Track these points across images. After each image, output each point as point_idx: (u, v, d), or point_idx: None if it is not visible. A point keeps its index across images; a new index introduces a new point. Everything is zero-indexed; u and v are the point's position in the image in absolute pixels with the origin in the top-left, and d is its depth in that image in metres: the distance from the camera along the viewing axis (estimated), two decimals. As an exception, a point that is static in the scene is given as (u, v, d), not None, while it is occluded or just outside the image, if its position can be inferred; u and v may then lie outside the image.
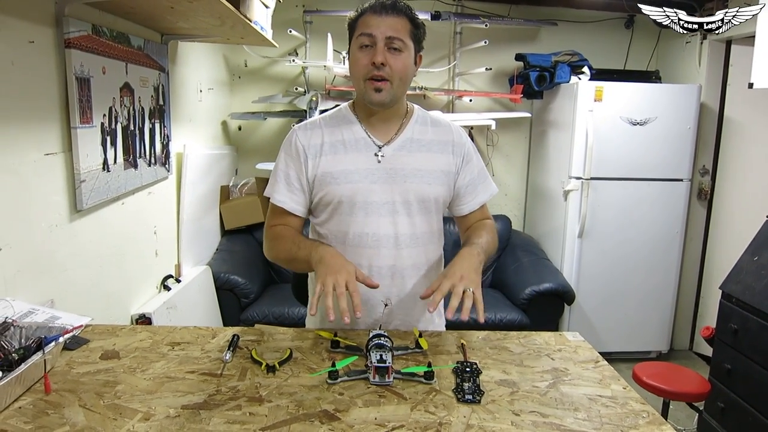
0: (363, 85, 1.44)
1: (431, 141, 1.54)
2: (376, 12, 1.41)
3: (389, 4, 1.41)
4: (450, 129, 1.59)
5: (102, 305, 2.13)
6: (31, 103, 1.64)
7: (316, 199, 1.52)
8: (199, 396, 1.12)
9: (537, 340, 1.49)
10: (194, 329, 1.45)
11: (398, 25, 1.41)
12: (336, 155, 1.49)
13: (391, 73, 1.41)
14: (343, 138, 1.51)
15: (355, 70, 1.45)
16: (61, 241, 1.80)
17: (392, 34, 1.39)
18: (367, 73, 1.41)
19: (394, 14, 1.41)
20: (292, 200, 1.52)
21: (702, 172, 3.90)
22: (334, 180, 1.48)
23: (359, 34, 1.42)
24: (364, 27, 1.41)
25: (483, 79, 4.17)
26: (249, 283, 3.34)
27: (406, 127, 1.54)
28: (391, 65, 1.40)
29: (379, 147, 1.50)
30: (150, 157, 2.44)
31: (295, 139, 1.53)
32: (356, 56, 1.43)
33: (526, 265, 3.74)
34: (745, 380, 2.52)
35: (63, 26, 1.73)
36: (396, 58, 1.41)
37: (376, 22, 1.40)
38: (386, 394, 1.15)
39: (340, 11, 3.75)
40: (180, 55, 2.92)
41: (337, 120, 1.55)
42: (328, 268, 1.29)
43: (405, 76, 1.45)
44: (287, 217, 1.54)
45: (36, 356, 1.09)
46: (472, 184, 1.60)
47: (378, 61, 1.39)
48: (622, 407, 1.15)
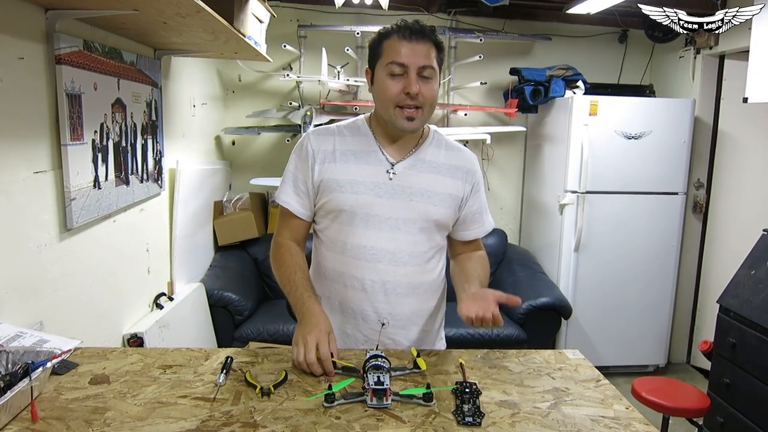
0: (393, 112, 1.44)
1: (443, 164, 1.54)
2: (405, 38, 1.40)
3: (417, 30, 1.41)
4: (464, 156, 1.59)
5: (93, 325, 2.08)
6: (20, 120, 1.61)
7: (318, 205, 1.53)
8: (191, 422, 1.08)
9: (537, 358, 1.46)
10: (186, 351, 1.42)
11: (427, 51, 1.41)
12: (346, 164, 1.50)
13: (423, 101, 1.42)
14: (355, 149, 1.52)
15: (384, 96, 1.44)
16: (50, 260, 1.76)
17: (424, 63, 1.40)
18: (399, 101, 1.42)
19: (423, 40, 1.40)
20: (298, 203, 1.53)
21: (697, 186, 3.90)
22: (339, 188, 1.48)
23: (390, 62, 1.41)
24: (395, 55, 1.40)
25: (478, 93, 4.17)
26: (243, 299, 3.30)
27: (421, 147, 1.54)
28: (423, 94, 1.41)
29: (392, 164, 1.50)
30: (142, 174, 2.42)
31: (307, 142, 1.54)
32: (386, 83, 1.42)
33: (522, 280, 3.72)
34: (744, 395, 2.50)
35: (53, 42, 1.71)
36: (427, 87, 1.42)
37: (406, 50, 1.39)
38: (384, 417, 1.12)
39: (335, 26, 3.74)
40: (173, 70, 2.91)
41: (352, 131, 1.55)
42: (303, 329, 1.36)
43: (434, 102, 1.46)
44: (293, 219, 1.55)
45: (23, 383, 1.05)
46: (479, 212, 1.61)
47: (413, 92, 1.39)
48: (625, 428, 1.13)
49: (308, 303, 1.42)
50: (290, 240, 1.56)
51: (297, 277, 1.48)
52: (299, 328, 1.37)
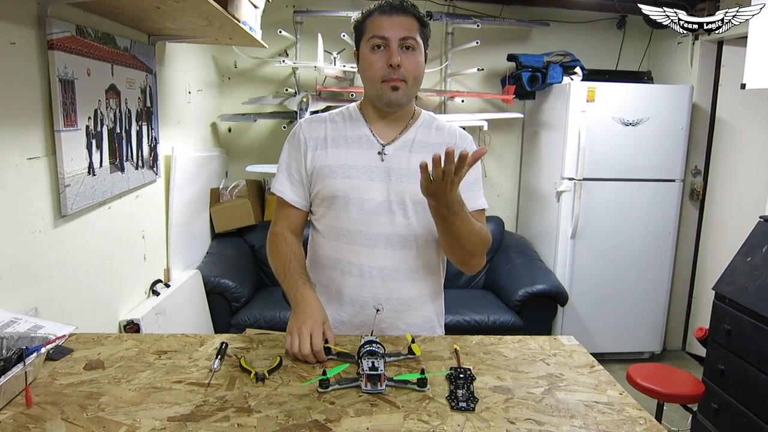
0: (379, 86, 1.43)
1: (432, 144, 1.53)
2: (385, 12, 1.41)
3: (397, 5, 1.42)
4: (453, 134, 1.57)
5: (89, 312, 2.09)
6: (13, 106, 1.60)
7: (313, 193, 1.53)
8: (185, 407, 1.08)
9: (531, 344, 1.46)
10: (181, 337, 1.42)
11: (409, 24, 1.41)
12: (337, 149, 1.50)
13: (406, 73, 1.42)
14: (346, 134, 1.52)
15: (368, 72, 1.44)
16: (45, 247, 1.76)
17: (405, 34, 1.40)
18: (383, 75, 1.42)
19: (404, 14, 1.41)
20: (292, 191, 1.53)
21: (694, 173, 3.90)
22: (331, 173, 1.48)
23: (371, 36, 1.42)
24: (375, 29, 1.41)
25: (475, 79, 4.15)
26: (239, 286, 3.30)
27: (410, 128, 1.54)
28: (406, 66, 1.41)
29: (382, 146, 1.50)
30: (137, 160, 2.41)
31: (299, 131, 1.54)
32: (369, 58, 1.43)
33: (519, 267, 3.73)
34: (738, 381, 2.51)
35: (46, 27, 1.69)
36: (410, 58, 1.42)
37: (387, 23, 1.40)
38: (378, 402, 1.13)
39: (331, 11, 3.71)
40: (168, 56, 2.88)
41: (344, 117, 1.56)
42: (297, 318, 1.34)
43: (419, 75, 1.46)
44: (289, 209, 1.55)
45: (17, 368, 1.05)
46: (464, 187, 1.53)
47: (395, 63, 1.39)
48: (618, 414, 1.13)
49: (302, 290, 1.41)
50: (286, 230, 1.55)
51: (291, 265, 1.47)
52: (293, 317, 1.36)
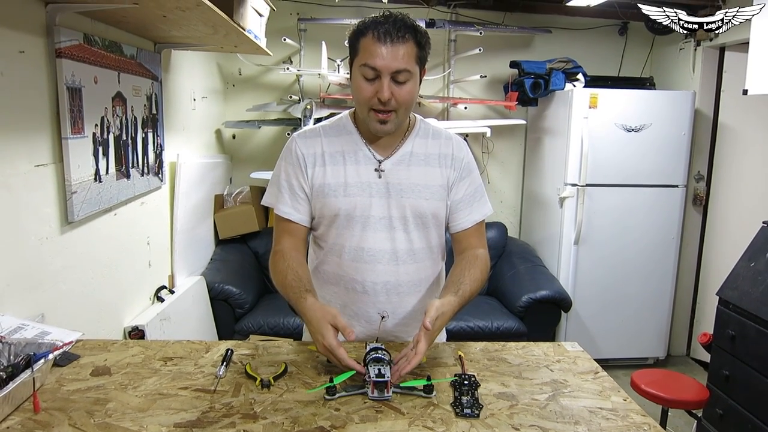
0: (366, 113, 1.40)
1: (430, 154, 1.50)
2: (380, 41, 1.32)
3: (394, 32, 1.32)
4: (450, 142, 1.54)
5: (94, 318, 2.10)
6: (21, 113, 1.61)
7: (313, 211, 1.50)
8: (192, 413, 1.09)
9: (535, 350, 1.47)
10: (187, 343, 1.43)
11: (403, 53, 1.33)
12: (335, 166, 1.47)
13: (397, 104, 1.37)
14: (342, 149, 1.48)
15: (358, 96, 1.40)
16: (52, 253, 1.77)
17: (399, 66, 1.33)
18: (372, 105, 1.37)
19: (399, 41, 1.32)
20: (297, 210, 1.50)
21: (697, 178, 3.90)
22: (332, 192, 1.46)
23: (362, 63, 1.35)
24: (368, 56, 1.33)
25: (478, 86, 4.16)
26: (243, 293, 3.31)
27: (407, 140, 1.51)
28: (397, 97, 1.35)
29: (379, 162, 1.48)
30: (143, 167, 2.42)
31: (295, 146, 1.51)
32: (359, 84, 1.38)
33: (522, 273, 3.72)
34: (743, 386, 2.51)
35: (54, 36, 1.71)
36: (401, 90, 1.36)
37: (380, 53, 1.32)
38: (383, 409, 1.13)
39: (335, 19, 3.73)
40: (173, 64, 2.90)
41: (338, 130, 1.52)
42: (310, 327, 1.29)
43: (410, 104, 1.40)
44: (291, 225, 1.50)
45: (25, 374, 1.06)
46: (466, 200, 1.54)
47: (384, 98, 1.34)
48: (623, 420, 1.14)
49: (301, 303, 1.34)
50: (288, 247, 1.49)
51: (288, 280, 1.39)
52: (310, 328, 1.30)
